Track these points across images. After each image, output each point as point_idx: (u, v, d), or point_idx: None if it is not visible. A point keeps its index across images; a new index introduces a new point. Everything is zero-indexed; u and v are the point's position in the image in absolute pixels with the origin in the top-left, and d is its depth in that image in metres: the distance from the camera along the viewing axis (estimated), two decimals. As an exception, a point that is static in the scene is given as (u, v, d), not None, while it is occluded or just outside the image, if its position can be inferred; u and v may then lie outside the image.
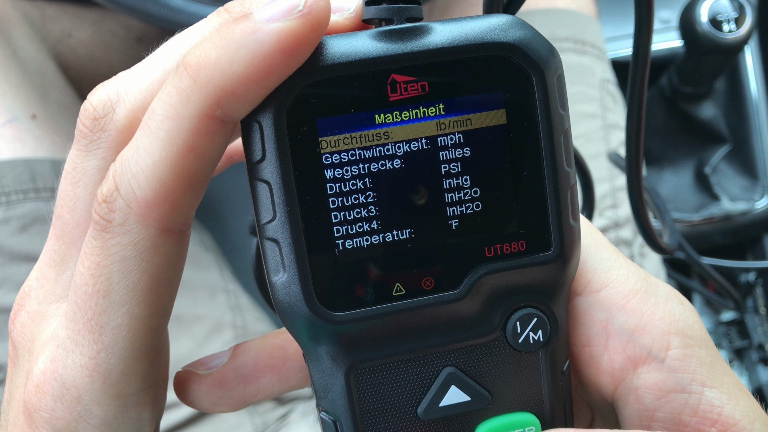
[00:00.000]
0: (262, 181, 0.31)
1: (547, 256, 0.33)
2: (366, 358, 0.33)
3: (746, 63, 1.25)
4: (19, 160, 0.81)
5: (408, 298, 0.32)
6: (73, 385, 0.33)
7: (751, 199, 1.19)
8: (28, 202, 0.79)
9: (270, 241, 0.32)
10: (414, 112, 0.31)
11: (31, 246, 0.78)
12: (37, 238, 0.78)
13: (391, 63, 0.31)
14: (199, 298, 0.87)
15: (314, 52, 0.30)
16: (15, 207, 0.79)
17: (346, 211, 0.32)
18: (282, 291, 0.32)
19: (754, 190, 1.19)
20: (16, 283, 0.77)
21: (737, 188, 1.20)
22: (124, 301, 0.31)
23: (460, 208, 0.33)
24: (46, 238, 0.73)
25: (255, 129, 0.31)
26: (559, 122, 0.32)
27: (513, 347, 0.34)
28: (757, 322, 1.17)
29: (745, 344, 1.18)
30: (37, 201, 0.80)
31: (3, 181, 0.79)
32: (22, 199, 0.79)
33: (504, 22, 0.32)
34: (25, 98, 0.86)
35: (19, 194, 0.79)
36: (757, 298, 1.19)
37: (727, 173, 1.21)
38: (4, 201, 0.79)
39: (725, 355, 1.19)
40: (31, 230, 0.79)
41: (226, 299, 0.90)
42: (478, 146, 0.32)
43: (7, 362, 0.73)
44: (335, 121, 0.31)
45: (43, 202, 0.80)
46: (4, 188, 0.79)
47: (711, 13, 1.12)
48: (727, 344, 1.19)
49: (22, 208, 0.79)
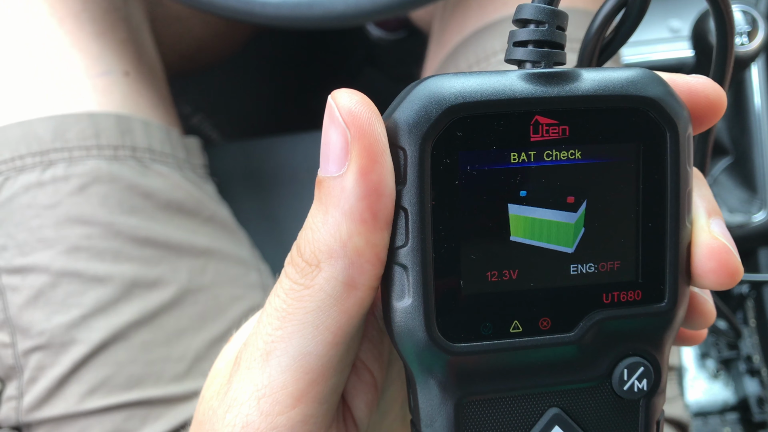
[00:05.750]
0: (400, 207, 0.32)
1: (660, 308, 0.34)
2: (476, 391, 0.34)
3: (751, 76, 1.26)
4: (83, 114, 0.79)
5: (524, 336, 0.33)
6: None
7: (748, 212, 1.21)
8: (90, 159, 0.78)
9: (399, 266, 0.32)
10: (553, 155, 0.32)
11: (88, 208, 0.77)
12: (95, 199, 0.77)
13: (536, 105, 0.31)
14: (235, 276, 0.87)
15: (464, 87, 0.31)
16: (77, 164, 0.78)
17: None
18: (402, 316, 0.32)
19: (753, 203, 1.21)
20: (67, 246, 0.76)
21: (736, 200, 1.22)
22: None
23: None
24: (103, 201, 0.74)
25: (400, 155, 0.32)
26: (685, 179, 0.33)
27: (617, 394, 0.35)
28: (747, 333, 1.19)
29: (733, 355, 1.20)
30: (99, 159, 0.78)
31: (67, 135, 0.78)
32: (84, 156, 0.78)
33: (645, 77, 0.33)
34: (122, 54, 0.86)
35: (82, 150, 0.78)
36: (747, 310, 1.21)
37: (726, 185, 1.23)
38: (66, 157, 0.77)
39: (712, 364, 1.22)
40: (89, 191, 0.77)
41: (258, 278, 0.90)
42: (607, 195, 0.33)
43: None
44: (477, 155, 0.32)
45: (105, 161, 0.79)
46: (67, 143, 0.78)
47: (725, 27, 1.13)
48: (715, 354, 1.22)
49: (83, 165, 0.78)
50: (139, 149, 0.82)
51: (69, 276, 0.75)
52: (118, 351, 0.75)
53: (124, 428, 0.74)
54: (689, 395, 1.19)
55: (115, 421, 0.74)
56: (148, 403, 0.75)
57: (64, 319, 0.74)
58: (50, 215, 0.76)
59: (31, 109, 0.79)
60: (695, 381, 1.21)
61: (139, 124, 0.83)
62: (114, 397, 0.74)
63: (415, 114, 0.31)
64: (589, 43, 0.37)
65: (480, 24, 0.87)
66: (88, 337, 0.74)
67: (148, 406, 0.75)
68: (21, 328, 0.75)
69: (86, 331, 0.74)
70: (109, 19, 0.87)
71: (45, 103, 0.80)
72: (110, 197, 0.78)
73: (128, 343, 0.76)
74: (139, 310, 0.77)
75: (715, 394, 1.20)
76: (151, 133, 0.84)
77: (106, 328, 0.75)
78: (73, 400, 0.73)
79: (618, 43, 0.38)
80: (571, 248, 0.33)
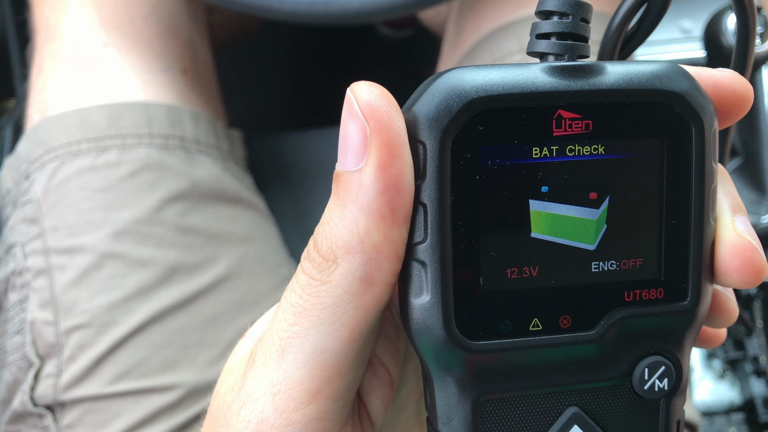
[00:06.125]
0: (418, 202, 0.31)
1: (683, 306, 0.33)
2: (495, 389, 0.33)
3: (762, 77, 1.25)
4: (137, 103, 0.83)
5: (544, 335, 0.32)
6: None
7: (757, 213, 1.20)
8: (141, 147, 0.82)
9: (417, 262, 0.32)
10: (576, 149, 0.31)
11: (136, 194, 0.80)
12: (144, 186, 0.80)
13: (559, 99, 0.31)
14: (273, 266, 0.89)
15: (486, 80, 0.31)
16: (129, 151, 0.81)
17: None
18: (420, 313, 0.32)
19: (762, 205, 1.21)
20: (114, 229, 0.78)
21: (745, 201, 1.21)
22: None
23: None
24: (150, 187, 0.78)
25: (419, 149, 0.31)
26: (710, 176, 0.33)
27: (637, 393, 0.34)
28: (754, 334, 1.19)
29: (739, 355, 1.19)
30: (150, 147, 0.82)
31: (121, 123, 0.81)
32: (136, 143, 0.82)
33: (671, 71, 0.32)
34: (182, 54, 0.92)
35: (135, 138, 0.82)
36: (755, 310, 1.20)
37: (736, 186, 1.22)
38: (119, 144, 0.81)
39: (719, 365, 1.21)
40: (139, 177, 0.80)
41: (288, 272, 0.91)
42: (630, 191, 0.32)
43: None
44: (498, 149, 0.31)
45: (156, 150, 0.82)
46: (121, 130, 0.81)
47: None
48: (721, 354, 1.21)
49: (135, 153, 0.81)
50: (188, 140, 0.85)
51: (114, 258, 0.78)
52: (155, 333, 0.77)
53: (155, 413, 0.75)
54: (696, 395, 1.19)
55: (144, 408, 0.75)
56: (180, 387, 0.77)
57: (107, 299, 0.76)
58: (101, 199, 0.79)
59: (91, 98, 0.83)
60: (701, 381, 1.21)
61: (189, 116, 0.86)
62: (148, 380, 0.75)
63: (435, 107, 0.31)
64: (610, 38, 0.37)
65: (496, 25, 0.87)
66: (128, 318, 0.76)
67: (180, 390, 0.76)
68: (65, 307, 0.77)
69: (126, 313, 0.77)
70: (172, 22, 0.92)
71: (106, 93, 0.84)
72: (158, 184, 0.81)
73: (165, 326, 0.78)
74: (178, 294, 0.79)
75: (721, 394, 1.20)
76: (199, 124, 0.88)
77: (145, 310, 0.77)
78: (108, 378, 0.75)
79: (640, 38, 0.38)
80: (592, 245, 0.32)
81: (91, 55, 0.85)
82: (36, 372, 0.76)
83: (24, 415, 0.76)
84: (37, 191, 0.80)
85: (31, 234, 0.79)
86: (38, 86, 0.87)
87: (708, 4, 1.27)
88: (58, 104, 0.84)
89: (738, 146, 1.24)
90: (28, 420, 0.76)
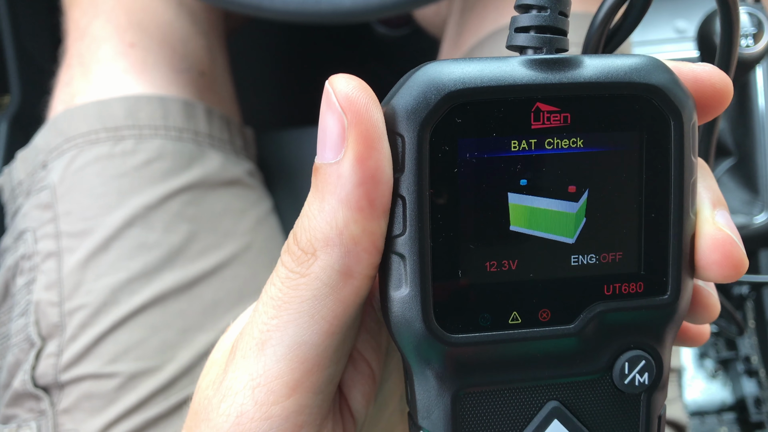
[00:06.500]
0: (397, 195, 0.31)
1: (663, 300, 0.33)
2: (474, 383, 0.33)
3: (756, 78, 1.25)
4: (155, 97, 0.87)
5: (523, 328, 0.32)
6: None
7: (750, 213, 1.20)
8: (157, 138, 0.85)
9: (396, 255, 0.32)
10: (555, 142, 0.31)
11: (149, 182, 0.83)
12: (157, 174, 0.83)
13: (537, 91, 0.31)
14: (271, 260, 0.90)
15: (464, 72, 0.30)
16: (145, 141, 0.84)
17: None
18: (399, 306, 0.32)
19: (754, 205, 1.21)
20: (125, 215, 0.81)
21: (738, 202, 1.21)
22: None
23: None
24: (163, 176, 0.82)
25: (398, 142, 0.31)
26: (690, 169, 0.33)
27: (617, 387, 0.34)
28: (746, 334, 1.19)
29: (731, 355, 1.19)
30: (165, 139, 0.86)
31: (138, 115, 0.85)
32: (152, 134, 0.85)
33: (650, 64, 0.32)
34: (201, 56, 0.97)
35: (151, 129, 0.85)
36: (747, 311, 1.20)
37: (729, 186, 1.22)
38: (136, 134, 0.84)
39: (711, 364, 1.21)
40: (152, 166, 0.84)
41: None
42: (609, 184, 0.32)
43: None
44: (476, 142, 0.31)
45: (170, 141, 0.86)
46: (138, 121, 0.85)
47: (731, 27, 1.13)
48: (713, 354, 1.21)
49: (150, 143, 0.84)
50: (201, 134, 0.89)
51: (121, 240, 0.80)
52: (155, 315, 0.78)
53: (150, 395, 0.76)
54: (687, 394, 1.19)
55: (140, 392, 0.76)
56: (177, 369, 0.78)
57: (111, 281, 0.78)
58: (115, 185, 0.82)
59: (113, 91, 0.87)
60: (693, 380, 1.21)
61: (203, 111, 0.90)
62: (145, 361, 0.76)
63: (413, 100, 0.31)
64: (594, 34, 0.37)
65: (497, 26, 0.88)
66: (130, 299, 0.78)
67: (177, 371, 0.78)
68: (70, 288, 0.78)
69: (129, 294, 0.78)
70: (194, 29, 0.97)
71: (127, 87, 0.87)
72: (171, 174, 0.84)
73: (165, 308, 0.79)
74: (180, 277, 0.81)
75: (713, 393, 1.20)
76: (213, 120, 0.91)
77: (148, 292, 0.79)
78: (106, 358, 0.76)
79: (624, 34, 0.38)
80: (572, 239, 0.32)
81: (118, 52, 0.89)
82: (37, 352, 0.77)
83: (22, 396, 0.76)
84: (53, 178, 0.83)
85: (44, 219, 0.82)
86: (65, 80, 0.90)
87: (702, 4, 1.28)
88: (82, 96, 0.87)
89: (731, 147, 1.24)
90: (25, 403, 0.76)
